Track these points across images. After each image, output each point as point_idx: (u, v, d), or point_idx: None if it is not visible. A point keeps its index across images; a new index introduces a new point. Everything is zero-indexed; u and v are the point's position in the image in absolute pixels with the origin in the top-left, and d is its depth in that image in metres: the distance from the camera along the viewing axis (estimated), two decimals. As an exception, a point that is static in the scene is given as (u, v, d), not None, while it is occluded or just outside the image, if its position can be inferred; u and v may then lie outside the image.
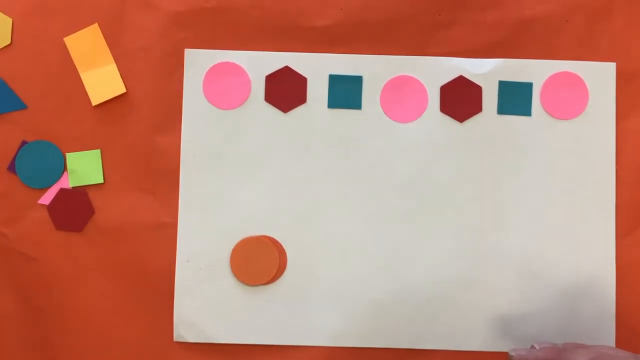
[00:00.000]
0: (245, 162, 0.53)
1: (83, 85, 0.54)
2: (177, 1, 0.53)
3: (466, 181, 0.53)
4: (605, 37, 0.53)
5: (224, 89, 0.54)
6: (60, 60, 0.54)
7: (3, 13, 0.54)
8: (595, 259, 0.52)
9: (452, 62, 0.53)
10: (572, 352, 0.43)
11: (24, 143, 0.54)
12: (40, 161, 0.54)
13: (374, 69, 0.53)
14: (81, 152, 0.54)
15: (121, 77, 0.53)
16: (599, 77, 0.53)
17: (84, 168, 0.53)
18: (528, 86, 0.53)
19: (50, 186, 0.54)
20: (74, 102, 0.54)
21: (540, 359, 0.44)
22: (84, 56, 0.54)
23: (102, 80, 0.53)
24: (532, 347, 0.46)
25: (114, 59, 0.54)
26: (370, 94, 0.53)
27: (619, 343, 0.52)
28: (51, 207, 0.53)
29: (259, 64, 0.54)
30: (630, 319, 0.52)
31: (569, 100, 0.53)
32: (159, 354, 0.53)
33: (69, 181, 0.54)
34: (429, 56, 0.53)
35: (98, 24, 0.54)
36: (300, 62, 0.53)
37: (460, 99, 0.53)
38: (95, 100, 0.53)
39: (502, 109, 0.53)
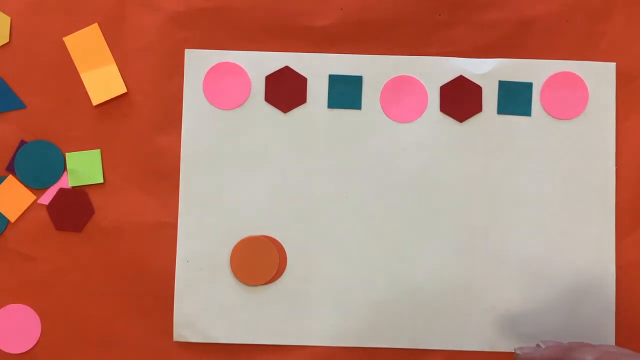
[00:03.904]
0: (245, 162, 0.53)
1: (83, 85, 0.54)
2: (177, 1, 0.53)
3: (466, 181, 0.53)
4: (605, 37, 0.53)
5: (224, 89, 0.53)
6: (60, 60, 0.54)
7: (1, 11, 0.54)
8: (595, 259, 0.52)
9: (452, 62, 0.53)
10: (579, 351, 0.43)
11: (22, 143, 0.54)
12: (39, 161, 0.53)
13: (374, 69, 0.53)
14: (81, 152, 0.54)
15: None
16: (599, 77, 0.53)
17: (84, 168, 0.53)
18: (528, 86, 0.53)
19: (50, 186, 0.54)
20: (74, 102, 0.54)
21: (546, 357, 0.44)
22: (84, 56, 0.54)
23: (103, 80, 0.53)
24: (538, 345, 0.46)
25: (114, 59, 0.54)
26: (370, 94, 0.53)
27: (619, 343, 0.52)
28: (51, 207, 0.53)
29: (259, 64, 0.54)
30: (630, 319, 0.52)
31: (569, 100, 0.53)
32: (159, 354, 0.53)
33: (68, 181, 0.54)
34: (429, 56, 0.53)
35: (98, 24, 0.54)
36: (300, 62, 0.53)
37: (460, 99, 0.53)
38: (96, 100, 0.53)
39: (502, 109, 0.53)
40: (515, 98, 0.53)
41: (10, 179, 0.54)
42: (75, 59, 0.54)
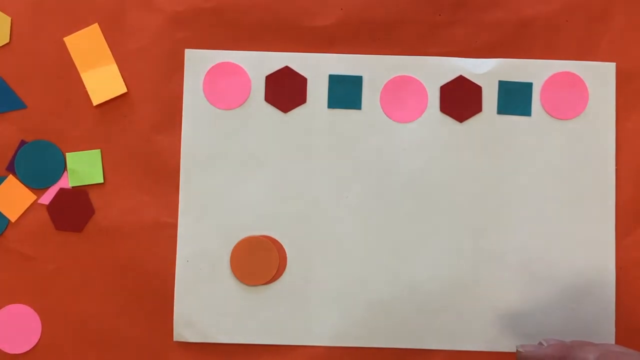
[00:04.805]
0: (245, 162, 0.53)
1: (83, 85, 0.54)
2: (177, 1, 0.53)
3: (466, 181, 0.53)
4: (605, 37, 0.53)
5: (224, 89, 0.54)
6: (60, 60, 0.54)
7: (2, 11, 0.54)
8: (595, 259, 0.52)
9: (452, 62, 0.53)
10: (581, 350, 0.43)
11: (22, 143, 0.54)
12: (40, 161, 0.53)
13: (374, 69, 0.53)
14: (81, 152, 0.54)
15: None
16: (599, 77, 0.53)
17: (84, 168, 0.53)
18: (528, 86, 0.53)
19: (50, 186, 0.54)
20: (74, 102, 0.54)
21: (549, 355, 0.44)
22: (84, 56, 0.54)
23: (103, 80, 0.53)
24: (540, 343, 0.46)
25: (114, 59, 0.54)
26: (370, 94, 0.53)
27: (619, 343, 0.52)
28: (51, 207, 0.53)
29: (259, 64, 0.54)
30: (630, 319, 0.52)
31: (569, 100, 0.53)
32: (159, 354, 0.53)
33: (69, 181, 0.54)
34: (429, 56, 0.53)
35: (98, 24, 0.54)
36: (300, 62, 0.53)
37: (460, 99, 0.53)
38: (96, 100, 0.53)
39: (502, 109, 0.53)
40: (515, 98, 0.53)
41: (11, 179, 0.54)
42: (75, 59, 0.54)
